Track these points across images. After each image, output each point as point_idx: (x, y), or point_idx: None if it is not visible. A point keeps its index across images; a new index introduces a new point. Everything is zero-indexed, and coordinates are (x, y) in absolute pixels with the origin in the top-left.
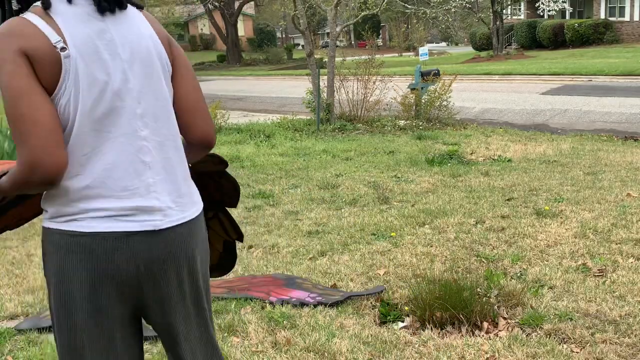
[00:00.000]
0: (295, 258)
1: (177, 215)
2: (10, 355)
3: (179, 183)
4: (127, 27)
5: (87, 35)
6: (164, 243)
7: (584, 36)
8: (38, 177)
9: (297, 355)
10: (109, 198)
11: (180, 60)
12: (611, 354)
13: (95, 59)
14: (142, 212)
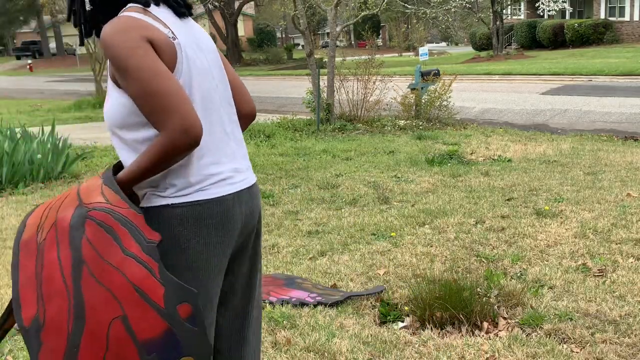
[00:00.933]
0: (295, 258)
1: (252, 175)
2: (10, 355)
3: (245, 151)
4: (194, 27)
5: (184, 29)
6: (254, 197)
7: (584, 36)
8: (191, 139)
9: (297, 355)
10: (217, 164)
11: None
12: (611, 354)
13: (196, 49)
14: (238, 173)
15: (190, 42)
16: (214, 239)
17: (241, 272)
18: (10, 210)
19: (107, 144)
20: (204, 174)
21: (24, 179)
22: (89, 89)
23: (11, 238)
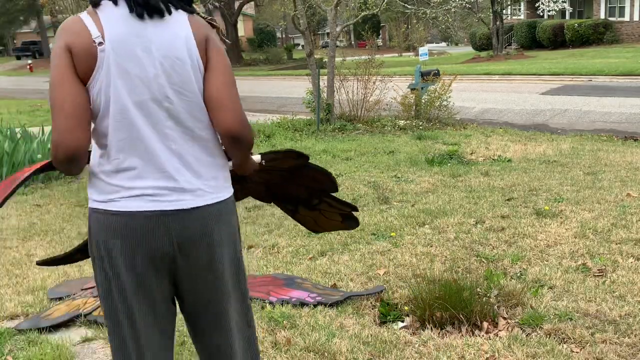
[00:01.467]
0: (295, 258)
1: (204, 197)
2: (10, 355)
3: (205, 169)
4: (164, 28)
5: (124, 33)
6: (194, 220)
7: (583, 36)
8: (61, 154)
9: (297, 355)
10: (141, 179)
11: (214, 60)
12: (611, 354)
13: (129, 54)
14: (173, 192)
15: (126, 47)
16: (121, 250)
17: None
18: (10, 211)
19: None
20: (120, 186)
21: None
22: None
23: (11, 238)
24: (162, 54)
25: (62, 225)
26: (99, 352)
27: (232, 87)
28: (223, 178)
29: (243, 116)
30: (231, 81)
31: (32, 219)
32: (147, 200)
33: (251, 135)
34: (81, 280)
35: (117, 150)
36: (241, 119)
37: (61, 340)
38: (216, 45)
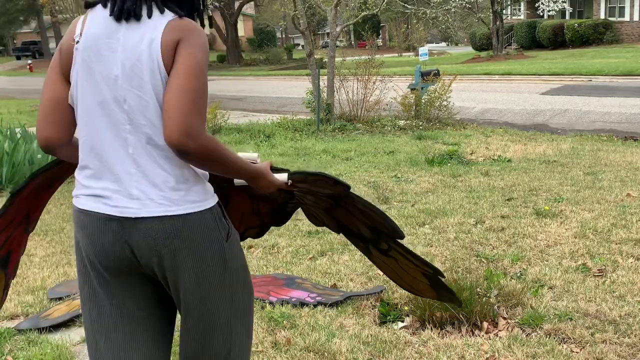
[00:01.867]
0: (295, 258)
1: (155, 208)
2: (10, 355)
3: (163, 179)
4: (135, 31)
5: (96, 33)
6: (139, 232)
7: (583, 36)
8: (39, 144)
9: (297, 355)
10: (97, 179)
11: (177, 64)
12: (611, 354)
13: (96, 54)
14: (122, 198)
15: (94, 47)
16: (83, 246)
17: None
18: None
19: None
20: (83, 184)
21: (24, 179)
22: None
23: None
24: (125, 56)
25: (62, 225)
26: None
27: (186, 93)
28: (192, 191)
29: (188, 125)
30: (187, 87)
31: None
32: (98, 202)
33: (199, 148)
34: None
35: (82, 147)
36: (184, 128)
37: (61, 340)
38: (187, 48)
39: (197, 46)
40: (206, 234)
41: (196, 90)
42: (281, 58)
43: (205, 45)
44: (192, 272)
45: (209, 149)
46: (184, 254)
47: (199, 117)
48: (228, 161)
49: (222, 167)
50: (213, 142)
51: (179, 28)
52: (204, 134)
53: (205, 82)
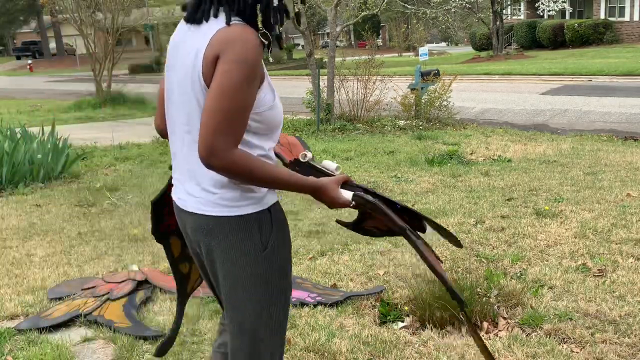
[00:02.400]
0: (295, 258)
1: (185, 202)
2: (10, 355)
3: (204, 179)
4: (194, 36)
5: (175, 36)
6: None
7: (583, 36)
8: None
9: (297, 355)
10: (175, 170)
11: (213, 82)
12: (611, 354)
13: (172, 56)
14: (182, 190)
15: (173, 49)
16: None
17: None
18: (10, 210)
19: (107, 144)
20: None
21: (24, 179)
22: (89, 89)
23: (11, 238)
24: (183, 61)
25: (62, 225)
26: (99, 352)
27: (212, 112)
28: (226, 196)
29: (212, 144)
30: (214, 106)
31: (32, 219)
32: (174, 187)
33: (224, 166)
34: (81, 280)
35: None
36: (208, 147)
37: (61, 340)
38: (223, 64)
39: (234, 61)
40: (239, 239)
41: (224, 110)
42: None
43: (246, 56)
44: (224, 271)
45: (236, 165)
46: (217, 252)
47: (224, 136)
48: (260, 176)
49: (253, 181)
50: (241, 159)
51: (220, 40)
52: (230, 152)
53: (241, 98)
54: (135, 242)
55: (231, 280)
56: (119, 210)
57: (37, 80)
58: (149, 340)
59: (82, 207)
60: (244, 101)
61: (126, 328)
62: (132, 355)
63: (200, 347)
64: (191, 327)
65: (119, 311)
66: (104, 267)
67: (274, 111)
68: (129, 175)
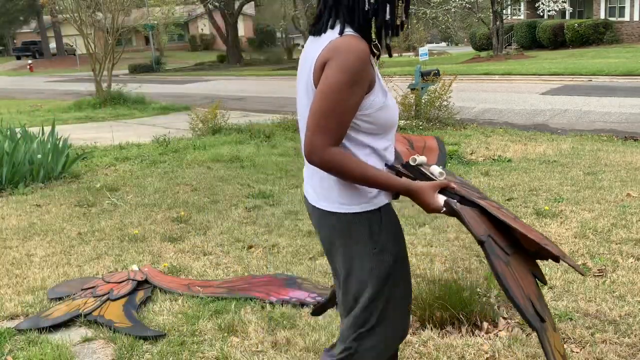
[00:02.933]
0: (295, 258)
1: (313, 197)
2: (10, 355)
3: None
4: (313, 46)
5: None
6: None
7: (583, 36)
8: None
9: (297, 355)
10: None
11: (320, 82)
12: (611, 354)
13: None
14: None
15: (300, 62)
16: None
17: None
18: (10, 210)
19: (107, 144)
20: None
21: (24, 179)
22: (89, 89)
23: (11, 238)
24: (303, 71)
25: (62, 225)
26: (99, 352)
27: (314, 113)
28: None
29: (311, 143)
30: (315, 107)
31: (32, 219)
32: (304, 182)
33: (322, 163)
34: (81, 280)
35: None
36: (308, 145)
37: (61, 340)
38: (328, 69)
39: (338, 67)
40: (350, 235)
41: (323, 111)
42: (281, 58)
43: (350, 65)
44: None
45: (332, 163)
46: (332, 246)
47: (322, 135)
48: (357, 175)
49: (351, 179)
50: (337, 157)
51: (330, 48)
52: (327, 149)
53: (340, 101)
54: (135, 242)
55: (345, 274)
56: (119, 210)
57: (37, 80)
58: (149, 340)
59: (82, 207)
60: (344, 104)
61: (126, 328)
62: (132, 355)
63: (200, 347)
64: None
65: (119, 311)
66: (104, 267)
67: (385, 112)
68: (129, 175)
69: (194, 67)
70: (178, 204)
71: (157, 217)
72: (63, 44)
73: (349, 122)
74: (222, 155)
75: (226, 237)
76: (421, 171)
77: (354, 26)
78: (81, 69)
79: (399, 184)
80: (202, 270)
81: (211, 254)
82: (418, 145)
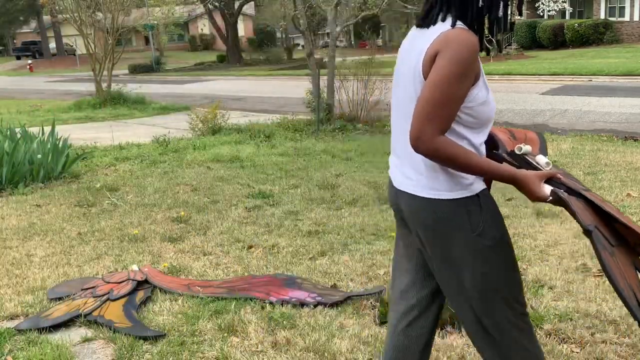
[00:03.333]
0: (295, 258)
1: (401, 182)
2: (10, 355)
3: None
4: (421, 38)
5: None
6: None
7: (583, 36)
8: None
9: (297, 355)
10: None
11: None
12: (611, 354)
13: (400, 55)
14: (397, 169)
15: (401, 49)
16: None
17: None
18: (10, 210)
19: (107, 144)
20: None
21: (24, 179)
22: (89, 89)
23: (11, 238)
24: (408, 62)
25: (62, 225)
26: (99, 352)
27: (424, 101)
28: (437, 179)
29: (419, 131)
30: (426, 96)
31: (32, 219)
32: (390, 171)
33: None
34: (81, 280)
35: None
36: (416, 133)
37: (61, 340)
38: (440, 60)
39: (450, 58)
40: (449, 222)
41: (434, 100)
42: (281, 58)
43: (461, 56)
44: (435, 249)
45: (439, 151)
46: (429, 232)
47: (431, 124)
48: (462, 163)
49: (456, 167)
50: (444, 145)
51: (441, 40)
52: (436, 138)
53: (451, 91)
54: (135, 242)
55: (441, 261)
56: (119, 210)
57: (37, 80)
58: (149, 340)
59: (82, 207)
60: (454, 94)
61: (126, 328)
62: (132, 355)
63: (200, 347)
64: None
65: (119, 311)
66: (104, 267)
67: (486, 107)
68: (129, 175)
69: (193, 67)
70: (178, 204)
71: (157, 217)
72: (63, 44)
73: (456, 113)
74: (222, 155)
75: (226, 237)
76: (527, 160)
77: (466, 21)
78: (81, 69)
79: (504, 171)
80: (202, 270)
81: (211, 254)
82: (519, 137)
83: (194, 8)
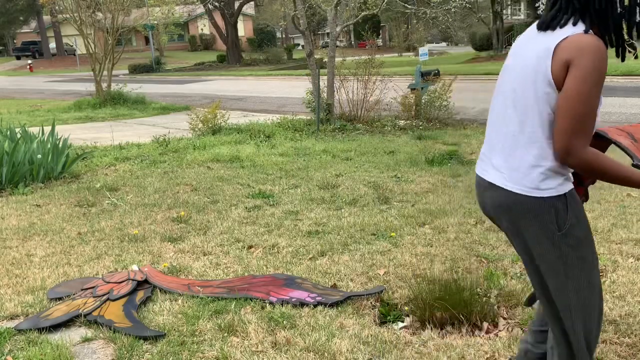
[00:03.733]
0: (295, 258)
1: (498, 179)
2: (10, 355)
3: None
4: (544, 39)
5: (521, 38)
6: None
7: None
8: None
9: (297, 355)
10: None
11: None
12: (611, 354)
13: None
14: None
15: (515, 47)
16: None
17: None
18: (10, 210)
19: (107, 144)
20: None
21: (24, 179)
22: (89, 89)
23: (11, 238)
24: (526, 56)
25: (62, 225)
26: (99, 352)
27: (566, 117)
28: (529, 176)
29: (567, 146)
30: (568, 111)
31: (32, 219)
32: (478, 163)
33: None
34: (81, 280)
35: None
36: (563, 148)
37: (61, 340)
38: (575, 71)
39: (590, 68)
40: (536, 220)
41: (577, 115)
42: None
43: (596, 65)
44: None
45: (589, 164)
46: (515, 225)
47: (578, 138)
48: (610, 174)
49: (603, 178)
50: (594, 158)
51: (570, 47)
52: (584, 151)
53: (592, 103)
54: (135, 242)
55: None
56: (119, 210)
57: (37, 80)
58: (149, 340)
59: (82, 207)
60: (595, 106)
61: (126, 328)
62: (132, 355)
63: (200, 347)
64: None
65: (119, 311)
66: (104, 267)
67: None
68: (129, 175)
69: (193, 67)
70: (178, 204)
71: (157, 217)
72: (63, 44)
73: (595, 122)
74: (222, 155)
75: (226, 237)
76: None
77: (602, 28)
78: (81, 69)
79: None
80: (202, 270)
81: (211, 254)
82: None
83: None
